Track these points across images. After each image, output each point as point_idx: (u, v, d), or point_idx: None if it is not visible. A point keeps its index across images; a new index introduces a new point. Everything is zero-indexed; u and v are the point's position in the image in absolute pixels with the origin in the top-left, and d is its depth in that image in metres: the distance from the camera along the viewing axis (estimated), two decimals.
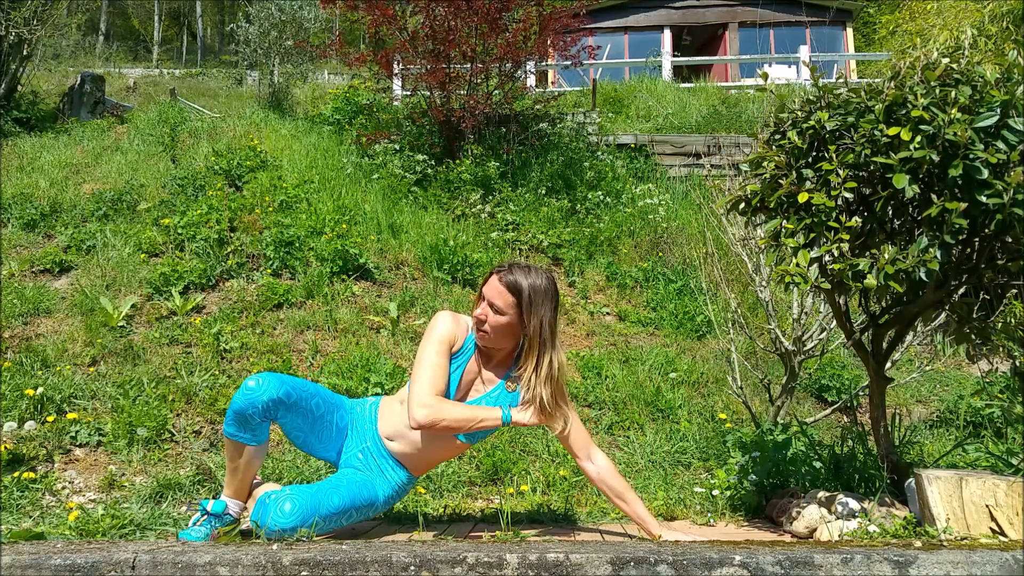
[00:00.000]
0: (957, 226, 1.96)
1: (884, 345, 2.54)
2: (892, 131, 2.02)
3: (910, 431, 3.61)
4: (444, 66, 7.22)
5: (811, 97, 2.28)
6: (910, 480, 2.22)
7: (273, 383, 2.18)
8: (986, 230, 2.05)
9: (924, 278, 2.01)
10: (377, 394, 3.63)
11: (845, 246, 2.10)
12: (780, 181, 2.25)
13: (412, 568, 1.60)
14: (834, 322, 3.24)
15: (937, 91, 2.03)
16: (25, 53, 9.01)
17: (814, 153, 2.24)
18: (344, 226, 5.60)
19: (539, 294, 2.21)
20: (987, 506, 1.94)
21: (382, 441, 2.34)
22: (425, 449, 2.31)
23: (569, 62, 8.10)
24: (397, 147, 7.22)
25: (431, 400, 2.16)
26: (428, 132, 7.70)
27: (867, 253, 2.15)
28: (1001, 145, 1.95)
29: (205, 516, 2.26)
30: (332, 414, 2.34)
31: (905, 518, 2.11)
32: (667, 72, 12.53)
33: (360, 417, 2.40)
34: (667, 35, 15.68)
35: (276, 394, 2.17)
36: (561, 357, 2.28)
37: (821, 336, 3.55)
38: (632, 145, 8.20)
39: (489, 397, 2.31)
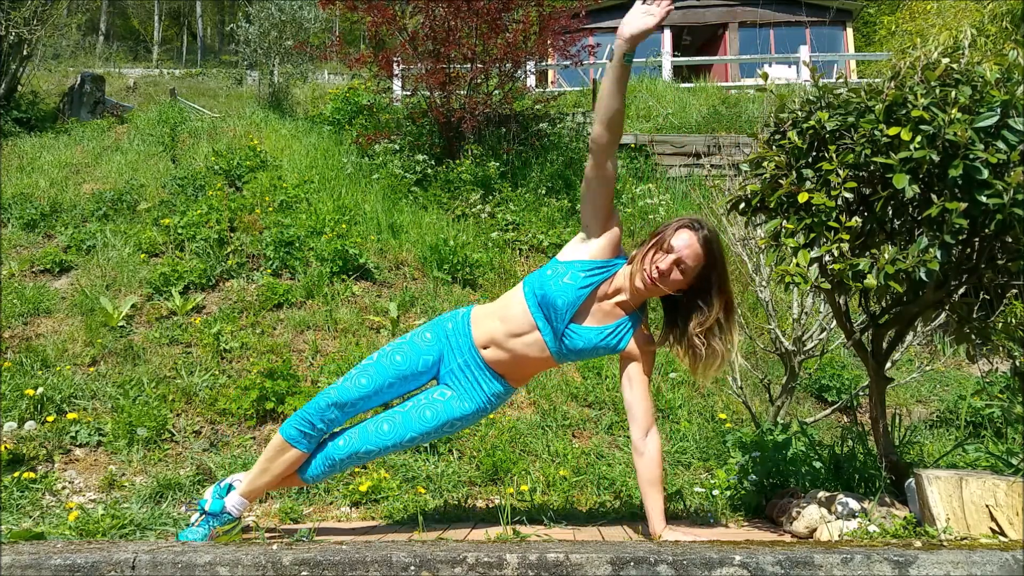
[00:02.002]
0: (957, 226, 1.96)
1: (884, 345, 2.54)
2: (892, 131, 2.02)
3: (910, 431, 3.61)
4: (444, 67, 7.21)
5: (811, 97, 2.28)
6: (910, 480, 2.22)
7: (342, 399, 2.26)
8: (986, 230, 2.05)
9: (924, 278, 2.01)
10: None
11: (845, 246, 2.10)
12: (780, 181, 2.25)
13: (412, 568, 1.60)
14: (834, 322, 3.24)
15: (937, 91, 2.03)
16: (25, 53, 9.01)
17: (814, 153, 2.25)
18: (344, 226, 5.60)
19: (723, 255, 2.21)
20: (987, 506, 1.94)
21: (478, 351, 2.31)
22: (519, 357, 2.28)
23: (569, 62, 8.10)
24: (397, 147, 7.22)
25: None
26: (428, 132, 7.70)
27: (867, 253, 2.15)
28: (1001, 145, 1.95)
29: (203, 516, 2.26)
30: (410, 372, 2.32)
31: (905, 518, 2.11)
32: (667, 72, 12.53)
33: (452, 333, 2.35)
34: (667, 35, 15.67)
35: (343, 409, 2.27)
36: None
37: (821, 336, 3.55)
38: (632, 145, 8.20)
39: (604, 330, 2.24)
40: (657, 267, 2.13)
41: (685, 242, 2.14)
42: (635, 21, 2.06)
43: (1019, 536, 1.87)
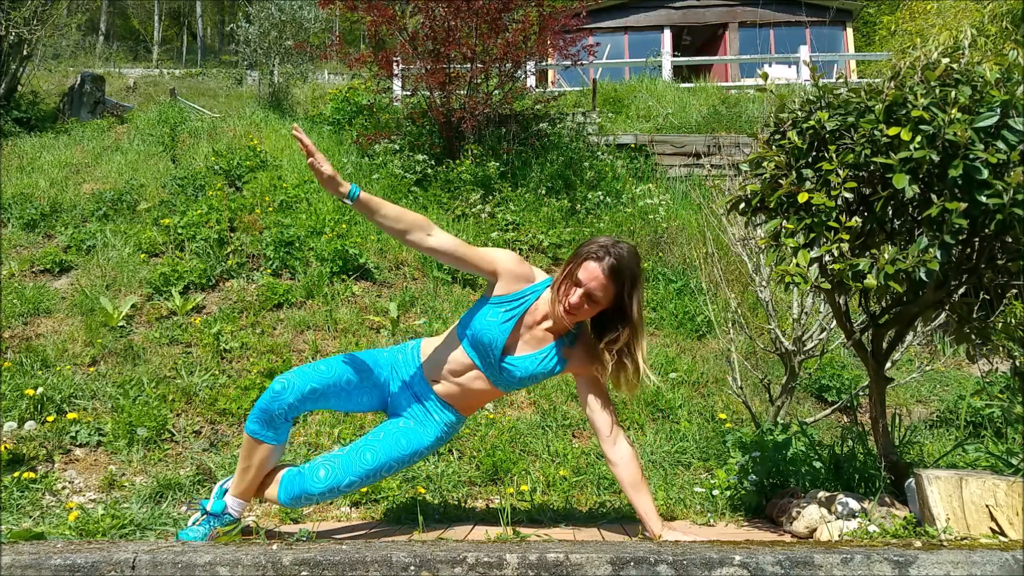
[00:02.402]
0: (957, 226, 1.96)
1: (884, 345, 2.54)
2: (892, 131, 2.02)
3: (910, 431, 3.61)
4: (444, 66, 7.21)
5: (811, 97, 2.28)
6: (910, 480, 2.22)
7: (299, 384, 2.24)
8: (986, 230, 2.05)
9: (924, 278, 2.01)
10: None
11: (845, 246, 2.10)
12: (780, 181, 2.25)
13: (412, 568, 1.60)
14: (834, 322, 3.24)
15: (937, 91, 2.03)
16: (25, 53, 9.01)
17: (814, 153, 2.25)
18: (344, 226, 5.60)
19: (637, 277, 2.22)
20: (987, 506, 1.94)
21: (428, 384, 2.36)
22: (468, 390, 2.34)
23: (569, 62, 8.10)
24: (397, 147, 7.22)
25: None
26: (428, 132, 7.70)
27: (867, 253, 2.15)
28: (1001, 145, 1.95)
29: (204, 516, 2.26)
30: (367, 378, 2.36)
31: (905, 518, 2.11)
32: (667, 72, 12.53)
33: (402, 364, 2.41)
34: (667, 35, 15.69)
35: (302, 393, 2.24)
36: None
37: (821, 336, 3.55)
38: (632, 145, 8.20)
39: (537, 356, 2.30)
40: (568, 301, 2.20)
41: (590, 275, 2.18)
42: (315, 175, 2.17)
43: (1019, 536, 1.87)
